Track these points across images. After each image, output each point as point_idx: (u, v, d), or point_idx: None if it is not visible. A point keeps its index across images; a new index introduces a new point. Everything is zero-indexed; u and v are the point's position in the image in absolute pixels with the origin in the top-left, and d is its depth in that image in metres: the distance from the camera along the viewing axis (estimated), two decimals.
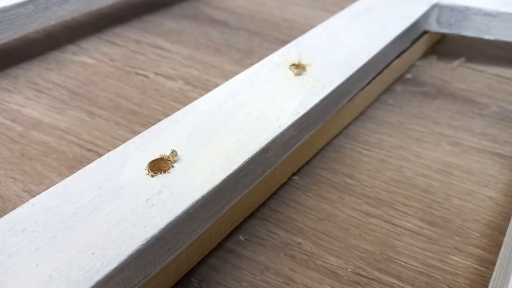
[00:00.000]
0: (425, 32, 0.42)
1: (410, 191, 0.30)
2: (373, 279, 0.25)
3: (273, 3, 0.54)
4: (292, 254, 0.26)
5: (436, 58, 0.44)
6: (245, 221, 0.28)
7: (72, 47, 0.44)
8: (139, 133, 0.25)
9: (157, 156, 0.23)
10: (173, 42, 0.46)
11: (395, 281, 0.25)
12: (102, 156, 0.24)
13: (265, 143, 0.25)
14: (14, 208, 0.21)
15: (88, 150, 0.32)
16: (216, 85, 0.29)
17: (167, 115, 0.27)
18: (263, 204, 0.29)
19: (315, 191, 0.30)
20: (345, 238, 0.27)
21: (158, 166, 0.23)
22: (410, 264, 0.25)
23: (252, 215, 0.28)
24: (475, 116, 0.37)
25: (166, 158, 0.23)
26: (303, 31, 0.42)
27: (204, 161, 0.23)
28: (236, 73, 0.30)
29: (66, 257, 0.19)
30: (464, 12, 0.40)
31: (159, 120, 0.26)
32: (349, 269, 0.25)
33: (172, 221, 0.20)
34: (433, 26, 0.42)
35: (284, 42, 0.35)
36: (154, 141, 0.24)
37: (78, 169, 0.23)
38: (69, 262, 0.18)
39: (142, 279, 0.20)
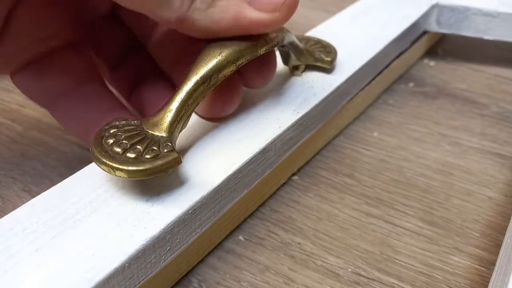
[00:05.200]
0: (425, 32, 0.42)
1: (410, 191, 0.30)
2: (373, 279, 0.25)
3: None
4: (292, 254, 0.26)
5: (436, 58, 0.44)
6: (245, 221, 0.28)
7: None
8: None
9: None
10: None
11: (395, 281, 0.25)
12: None
13: (265, 143, 0.25)
14: (14, 208, 0.21)
15: (88, 150, 0.32)
16: None
17: None
18: (263, 204, 0.29)
19: (315, 191, 0.30)
20: (345, 238, 0.27)
21: None
22: (410, 264, 0.25)
23: (252, 215, 0.28)
24: (475, 116, 0.37)
25: None
26: (303, 31, 0.42)
27: (204, 161, 0.23)
28: None
29: (66, 257, 0.19)
30: (464, 12, 0.40)
31: None
32: (349, 269, 0.25)
33: (172, 221, 0.20)
34: (433, 26, 0.42)
35: None
36: None
37: (78, 169, 0.23)
38: (69, 263, 0.18)
39: (142, 279, 0.20)
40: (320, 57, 0.30)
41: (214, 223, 0.24)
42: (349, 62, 0.32)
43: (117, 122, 0.22)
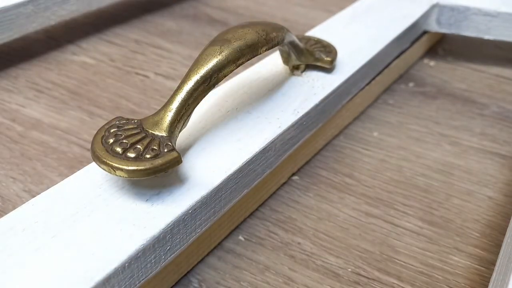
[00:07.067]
0: (425, 32, 0.42)
1: (410, 191, 0.30)
2: (373, 279, 0.25)
3: (273, 3, 0.54)
4: (292, 254, 0.26)
5: (436, 58, 0.44)
6: (245, 221, 0.28)
7: (72, 47, 0.44)
8: None
9: None
10: (173, 42, 0.46)
11: (395, 281, 0.25)
12: None
13: (265, 143, 0.25)
14: (14, 208, 0.21)
15: (88, 150, 0.32)
16: None
17: None
18: (263, 204, 0.29)
19: (315, 191, 0.30)
20: (345, 238, 0.27)
21: None
22: (410, 264, 0.25)
23: (252, 215, 0.28)
24: (475, 116, 0.37)
25: None
26: (303, 31, 0.42)
27: (204, 161, 0.23)
28: (236, 73, 0.30)
29: (66, 257, 0.19)
30: (464, 12, 0.40)
31: None
32: (349, 269, 0.25)
33: (172, 221, 0.20)
34: (433, 26, 0.42)
35: None
36: None
37: (78, 169, 0.23)
38: (69, 262, 0.18)
39: (142, 279, 0.20)
40: (320, 56, 0.30)
41: (214, 223, 0.24)
42: (349, 62, 0.32)
43: (117, 122, 0.22)
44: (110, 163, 0.20)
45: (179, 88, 0.22)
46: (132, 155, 0.20)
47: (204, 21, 0.50)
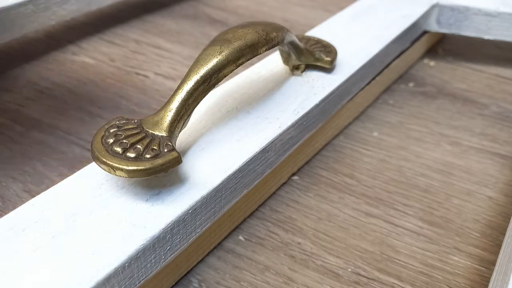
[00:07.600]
0: (425, 32, 0.42)
1: (410, 191, 0.30)
2: (373, 279, 0.25)
3: (273, 3, 0.54)
4: (292, 254, 0.26)
5: (436, 58, 0.44)
6: (245, 221, 0.28)
7: (72, 47, 0.44)
8: None
9: None
10: (173, 42, 0.46)
11: (395, 281, 0.25)
12: None
13: (265, 143, 0.25)
14: (14, 208, 0.21)
15: (88, 150, 0.32)
16: None
17: None
18: (263, 204, 0.29)
19: (315, 191, 0.30)
20: (345, 238, 0.27)
21: None
22: (410, 264, 0.25)
23: (252, 215, 0.28)
24: (475, 116, 0.37)
25: None
26: (303, 31, 0.42)
27: (204, 161, 0.23)
28: (236, 73, 0.30)
29: (66, 257, 0.19)
30: (464, 12, 0.40)
31: None
32: (349, 269, 0.25)
33: (172, 221, 0.20)
34: (433, 26, 0.42)
35: None
36: None
37: (78, 169, 0.23)
38: (69, 262, 0.18)
39: (142, 279, 0.20)
40: (320, 56, 0.30)
41: (214, 223, 0.24)
42: (349, 62, 0.32)
43: (117, 122, 0.22)
44: (110, 163, 0.20)
45: (179, 88, 0.22)
46: (132, 155, 0.20)
47: (204, 21, 0.50)
